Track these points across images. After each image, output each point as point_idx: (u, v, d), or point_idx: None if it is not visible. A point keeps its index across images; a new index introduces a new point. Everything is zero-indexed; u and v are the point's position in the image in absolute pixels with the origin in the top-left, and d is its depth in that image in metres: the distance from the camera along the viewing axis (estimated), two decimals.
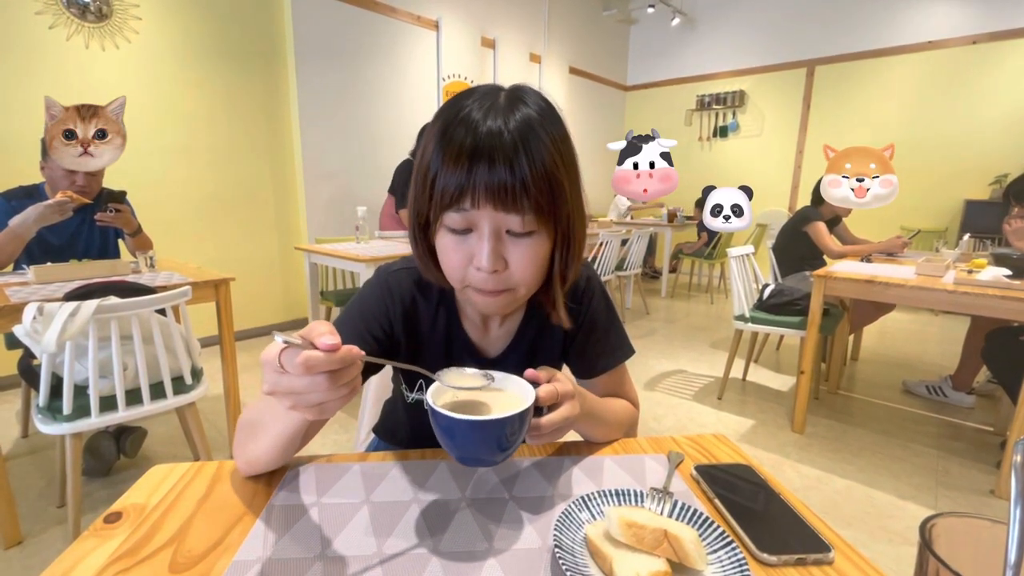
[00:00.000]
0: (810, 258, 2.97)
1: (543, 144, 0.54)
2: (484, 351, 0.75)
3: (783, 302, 2.63)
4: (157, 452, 2.06)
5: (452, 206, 0.55)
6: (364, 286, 0.74)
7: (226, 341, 1.99)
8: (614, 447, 0.71)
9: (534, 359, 0.76)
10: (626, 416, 0.77)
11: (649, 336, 3.88)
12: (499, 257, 0.56)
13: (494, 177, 0.52)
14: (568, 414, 0.56)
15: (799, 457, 2.12)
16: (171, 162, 3.16)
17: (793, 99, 5.51)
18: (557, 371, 0.58)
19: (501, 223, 0.55)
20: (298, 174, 3.73)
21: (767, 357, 3.39)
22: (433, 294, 0.72)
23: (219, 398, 2.43)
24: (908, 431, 2.36)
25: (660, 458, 0.68)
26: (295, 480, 0.61)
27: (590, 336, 0.77)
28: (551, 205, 0.56)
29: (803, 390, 2.31)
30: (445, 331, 0.73)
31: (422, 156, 0.57)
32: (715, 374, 3.04)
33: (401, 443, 0.84)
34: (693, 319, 4.47)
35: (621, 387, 0.80)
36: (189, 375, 1.63)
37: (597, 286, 0.78)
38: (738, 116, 5.92)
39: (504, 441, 0.49)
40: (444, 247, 0.58)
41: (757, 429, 2.38)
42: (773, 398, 2.75)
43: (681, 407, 2.61)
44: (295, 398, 0.43)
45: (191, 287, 1.60)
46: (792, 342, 3.60)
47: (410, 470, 0.64)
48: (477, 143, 0.52)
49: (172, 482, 0.60)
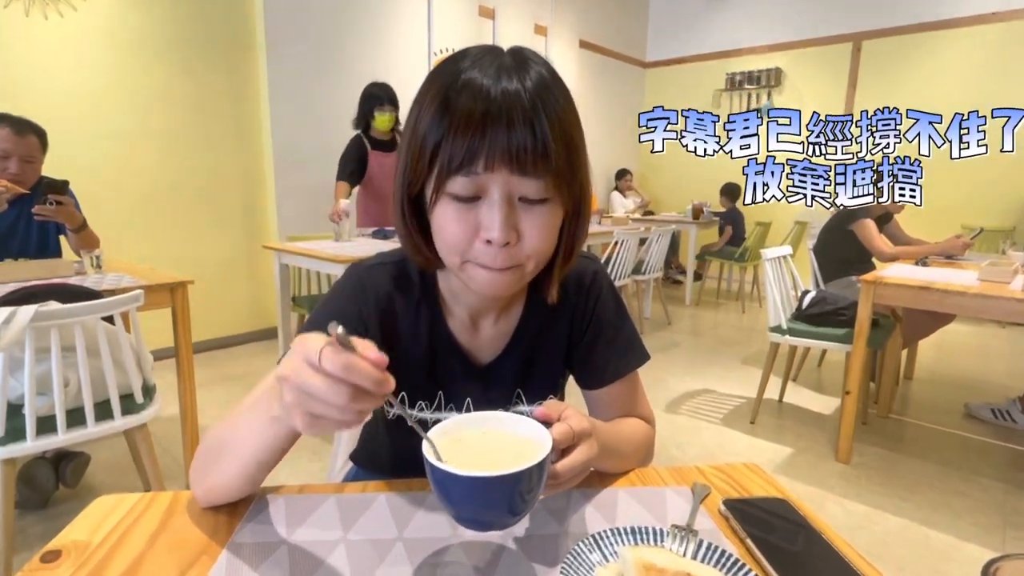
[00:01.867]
0: (857, 261, 2.97)
1: (559, 104, 0.57)
2: (474, 356, 0.75)
3: (826, 311, 2.63)
4: (102, 481, 2.05)
5: (460, 171, 0.55)
6: (334, 286, 0.74)
7: (183, 354, 1.99)
8: (629, 478, 0.71)
9: (533, 366, 0.76)
10: (643, 440, 0.77)
11: (671, 350, 3.87)
12: (511, 226, 0.57)
13: (513, 139, 0.54)
14: (587, 456, 0.56)
15: (844, 491, 2.12)
16: (122, 147, 3.17)
17: (837, 78, 5.54)
18: (567, 405, 0.58)
19: (515, 188, 0.57)
20: (267, 162, 3.74)
21: (807, 375, 3.39)
22: (414, 291, 0.73)
23: (174, 420, 2.42)
24: (971, 461, 2.35)
25: (683, 491, 0.67)
26: (262, 513, 0.61)
27: (598, 338, 0.77)
28: (569, 169, 0.59)
29: (849, 413, 2.30)
30: (428, 334, 0.73)
31: (415, 126, 0.58)
32: (747, 394, 3.04)
33: (383, 471, 0.84)
34: (722, 331, 4.46)
35: (632, 399, 0.80)
36: (140, 393, 1.63)
37: (605, 281, 0.79)
38: (773, 97, 5.94)
39: (518, 500, 0.48)
40: (445, 217, 0.59)
41: (796, 458, 2.37)
42: (814, 422, 2.74)
43: (708, 432, 2.60)
44: (303, 397, 0.43)
45: (143, 291, 1.60)
46: (836, 358, 3.60)
47: (395, 502, 0.63)
48: (492, 105, 0.54)
49: (120, 515, 0.59)
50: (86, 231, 2.08)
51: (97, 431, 1.52)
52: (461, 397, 0.75)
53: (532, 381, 0.77)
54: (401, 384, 0.76)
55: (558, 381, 0.80)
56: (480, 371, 0.75)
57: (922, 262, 2.75)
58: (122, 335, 1.57)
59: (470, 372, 0.74)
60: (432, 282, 0.73)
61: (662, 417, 2.76)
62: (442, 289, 0.73)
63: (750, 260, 5.11)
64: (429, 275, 0.73)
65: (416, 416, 0.76)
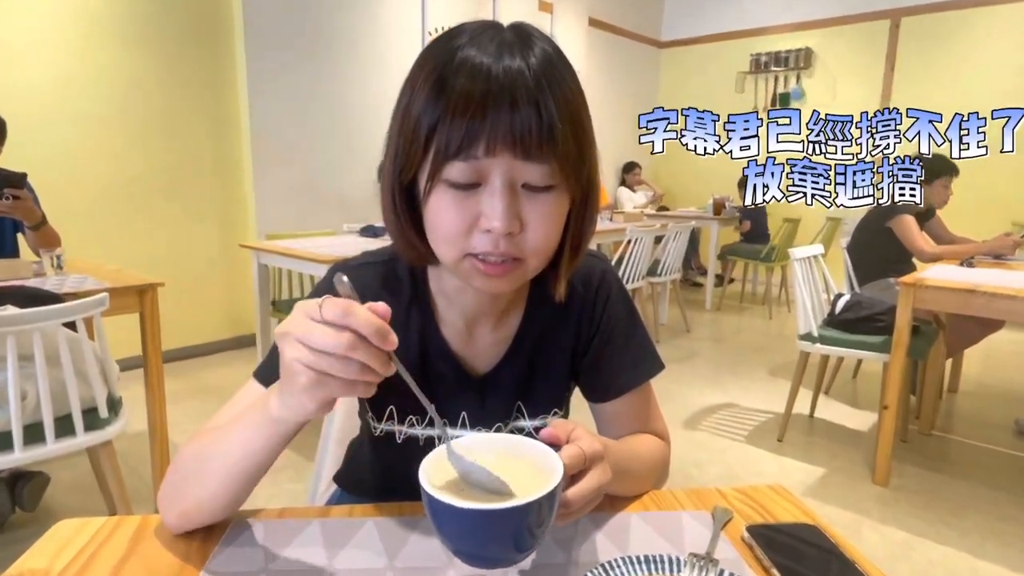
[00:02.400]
0: (895, 261, 2.97)
1: (566, 84, 0.58)
2: (469, 365, 0.75)
3: (861, 317, 2.63)
4: (62, 504, 2.06)
5: (458, 155, 0.56)
6: (315, 288, 0.74)
7: (152, 363, 1.99)
8: (643, 501, 0.71)
9: (535, 376, 0.76)
10: (658, 460, 0.77)
11: (690, 360, 3.87)
12: (514, 215, 0.58)
13: (516, 120, 0.55)
14: (601, 482, 0.56)
15: (882, 516, 2.11)
16: (86, 137, 3.19)
17: (873, 59, 5.54)
18: (575, 424, 0.58)
19: (518, 175, 0.57)
20: (245, 153, 3.76)
21: (841, 387, 3.38)
22: (404, 293, 0.73)
23: (142, 436, 2.42)
24: (1023, 484, 2.34)
25: (703, 515, 0.67)
26: (239, 538, 0.61)
27: (607, 345, 0.77)
28: (577, 154, 0.59)
29: (887, 430, 2.30)
30: (419, 341, 0.73)
31: (407, 108, 0.59)
32: (774, 409, 3.03)
33: (370, 494, 0.84)
34: (746, 338, 4.45)
35: (645, 414, 0.80)
36: (104, 407, 1.63)
37: (614, 281, 0.79)
38: (803, 81, 5.95)
39: (526, 535, 0.47)
40: (440, 207, 0.59)
41: (828, 480, 2.36)
42: (848, 440, 2.73)
43: (730, 451, 2.60)
44: (307, 354, 0.46)
45: (108, 294, 1.61)
46: (873, 368, 3.59)
47: (384, 528, 0.63)
48: (493, 84, 0.54)
49: (83, 541, 0.59)
50: (46, 228, 2.09)
51: (57, 448, 1.53)
52: (455, 411, 0.75)
53: (534, 393, 0.77)
54: (389, 397, 0.76)
55: (563, 393, 0.80)
56: (476, 382, 0.75)
57: (968, 262, 2.74)
58: (85, 343, 1.57)
59: (465, 383, 0.74)
60: (423, 283, 0.73)
61: (680, 434, 2.76)
62: (434, 291, 0.73)
63: (777, 260, 5.10)
64: (420, 276, 0.73)
65: (405, 433, 0.76)
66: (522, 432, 0.78)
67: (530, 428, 0.78)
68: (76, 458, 2.29)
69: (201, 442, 0.60)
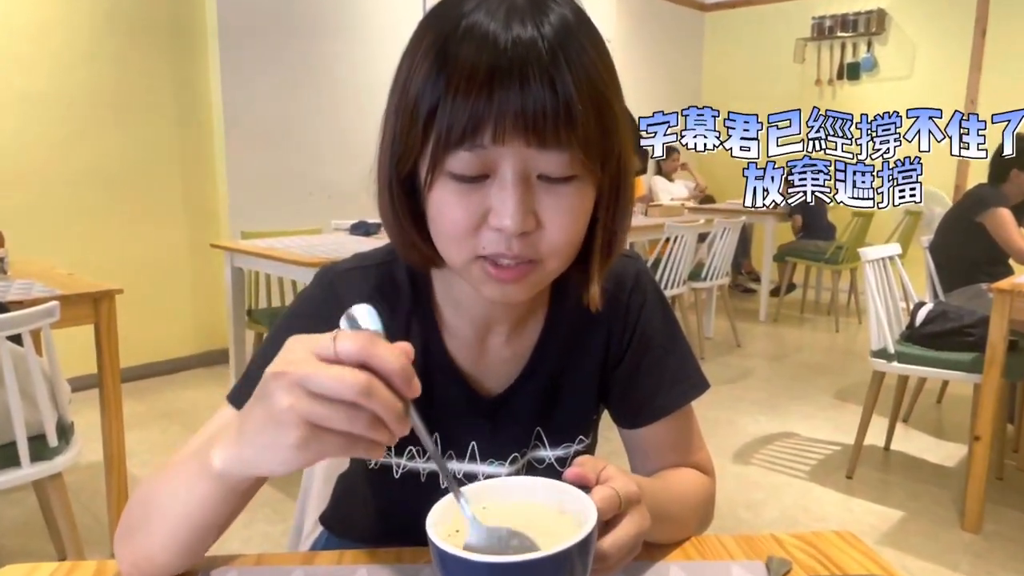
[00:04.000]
0: (988, 263, 2.93)
1: (587, 55, 0.57)
2: (480, 384, 0.75)
3: (947, 330, 2.60)
4: (3, 547, 2.08)
5: (462, 143, 0.56)
6: (301, 294, 0.75)
7: (108, 383, 2.01)
8: (684, 548, 0.70)
9: (557, 398, 0.76)
10: (702, 499, 0.77)
11: (741, 381, 3.84)
12: (528, 211, 0.58)
13: (528, 101, 0.54)
14: (639, 529, 0.56)
15: (972, 569, 2.08)
16: (32, 119, 3.24)
17: (960, 24, 5.49)
18: (606, 462, 0.58)
19: (532, 164, 0.57)
20: (217, 138, 3.80)
21: (923, 414, 3.34)
22: (403, 301, 0.73)
23: (96, 468, 2.45)
24: None
25: (755, 566, 0.67)
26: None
27: (642, 360, 0.77)
28: (601, 138, 0.59)
29: (979, 466, 2.27)
30: (421, 356, 0.73)
31: (405, 85, 0.59)
32: (842, 440, 3.00)
33: (363, 538, 0.84)
34: (808, 355, 4.41)
35: (686, 442, 0.80)
36: (54, 434, 1.65)
37: (650, 285, 0.80)
38: (875, 49, 5.91)
39: None
40: (443, 202, 0.59)
41: (907, 525, 2.33)
42: (932, 478, 2.69)
43: (789, 490, 2.57)
44: (306, 401, 0.43)
45: (59, 303, 1.62)
46: (961, 392, 3.54)
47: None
48: (500, 57, 0.54)
49: None
50: None
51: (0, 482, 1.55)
52: (463, 440, 0.75)
53: (556, 417, 0.77)
54: None
55: (589, 418, 0.80)
56: (488, 405, 0.75)
57: None
58: (32, 359, 1.59)
59: (475, 406, 0.75)
60: (426, 289, 0.74)
61: (728, 469, 2.73)
62: (439, 298, 0.74)
63: (846, 262, 5.05)
64: (422, 281, 0.74)
65: (404, 466, 0.76)
66: (542, 464, 0.78)
67: (551, 459, 0.78)
68: (21, 492, 2.32)
69: (150, 485, 0.61)
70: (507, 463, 0.76)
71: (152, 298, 3.70)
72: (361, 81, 4.18)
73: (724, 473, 2.55)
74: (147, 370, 3.71)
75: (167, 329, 3.80)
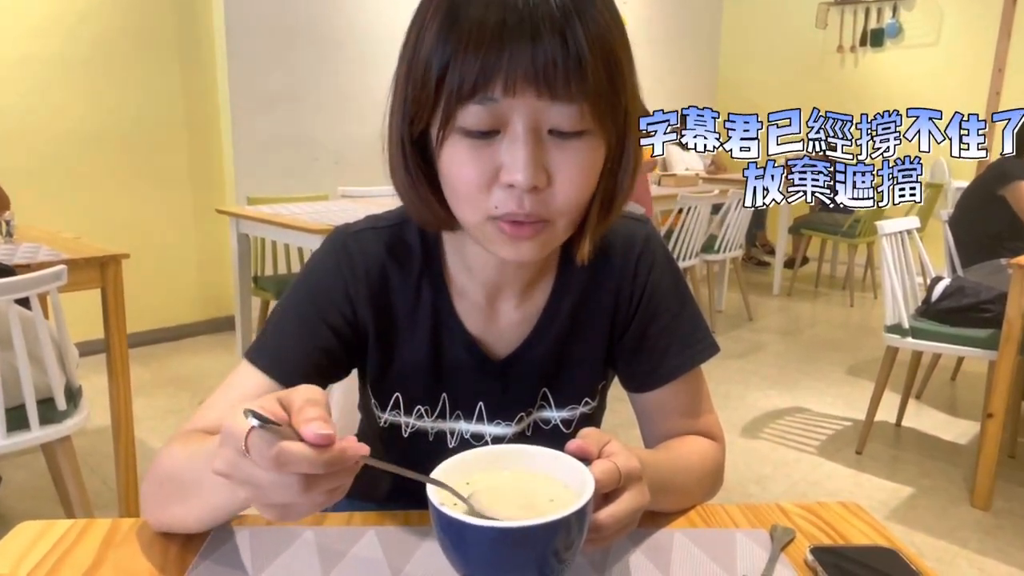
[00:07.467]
0: (1009, 238, 2.91)
1: (598, 9, 0.59)
2: (489, 347, 0.76)
3: (964, 306, 2.59)
4: (12, 509, 2.13)
5: (473, 97, 0.57)
6: (313, 256, 0.76)
7: (116, 348, 2.03)
8: (689, 516, 0.72)
9: (565, 360, 0.78)
10: (709, 468, 0.78)
11: (752, 355, 3.84)
12: (540, 166, 0.59)
13: (539, 53, 0.55)
14: (637, 504, 0.57)
15: (981, 546, 2.10)
16: (36, 82, 3.24)
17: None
18: (610, 436, 0.59)
19: (542, 118, 0.58)
20: (222, 101, 3.78)
21: (936, 391, 3.34)
22: (414, 264, 0.75)
23: (104, 432, 2.49)
24: None
25: (760, 534, 0.68)
26: (222, 547, 0.63)
27: (651, 323, 0.78)
28: (611, 91, 0.60)
29: (991, 443, 2.27)
30: (431, 318, 0.75)
31: (415, 49, 0.61)
32: (853, 416, 3.01)
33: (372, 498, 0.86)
34: (821, 330, 4.40)
35: (695, 405, 0.81)
36: (62, 397, 1.67)
37: (659, 248, 0.80)
38: (900, 14, 5.79)
39: (551, 559, 0.49)
40: (455, 159, 0.61)
41: (917, 501, 2.35)
42: (943, 454, 2.70)
43: (799, 465, 2.59)
44: (255, 492, 0.47)
45: (66, 267, 1.64)
46: (976, 369, 3.53)
47: (388, 538, 0.65)
48: (509, 12, 0.55)
49: (48, 546, 0.62)
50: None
51: (8, 444, 1.58)
52: (472, 401, 0.77)
53: (563, 378, 0.79)
54: (395, 384, 0.78)
55: (597, 380, 0.82)
56: (496, 367, 0.77)
57: None
58: (40, 323, 1.61)
59: (483, 368, 0.76)
60: (437, 252, 0.75)
61: (738, 443, 2.75)
62: (450, 261, 0.75)
63: (862, 235, 5.00)
64: (433, 243, 0.75)
65: (413, 425, 0.78)
66: (548, 425, 0.80)
67: (557, 420, 0.79)
68: (29, 456, 2.36)
69: (179, 462, 0.63)
70: (514, 423, 0.78)
71: (157, 264, 3.71)
72: (370, 41, 4.13)
73: (733, 448, 2.55)
74: (153, 336, 3.74)
75: (172, 295, 3.82)
